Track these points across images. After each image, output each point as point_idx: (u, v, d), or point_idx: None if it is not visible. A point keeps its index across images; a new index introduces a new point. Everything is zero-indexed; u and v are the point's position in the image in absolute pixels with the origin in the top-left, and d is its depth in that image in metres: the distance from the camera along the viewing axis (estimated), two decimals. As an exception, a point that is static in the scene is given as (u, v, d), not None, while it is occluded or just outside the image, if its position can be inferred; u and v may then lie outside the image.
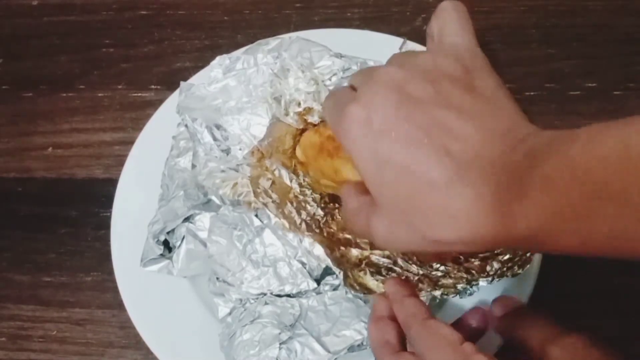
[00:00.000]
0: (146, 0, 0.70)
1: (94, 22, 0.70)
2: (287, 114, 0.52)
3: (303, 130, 0.52)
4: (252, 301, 0.49)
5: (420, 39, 0.54)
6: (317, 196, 0.50)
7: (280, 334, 0.46)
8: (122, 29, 0.70)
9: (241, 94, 0.52)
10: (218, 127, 0.51)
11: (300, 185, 0.51)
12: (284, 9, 0.69)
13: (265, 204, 0.47)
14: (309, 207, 0.49)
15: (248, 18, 0.69)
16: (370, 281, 0.46)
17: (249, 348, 0.46)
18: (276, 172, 0.50)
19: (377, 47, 0.58)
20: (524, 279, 0.49)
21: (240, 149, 0.51)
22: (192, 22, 0.69)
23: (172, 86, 0.61)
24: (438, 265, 0.47)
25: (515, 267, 0.45)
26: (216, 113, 0.52)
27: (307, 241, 0.46)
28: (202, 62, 0.62)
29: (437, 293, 0.45)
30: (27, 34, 0.70)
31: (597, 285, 0.55)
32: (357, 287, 0.45)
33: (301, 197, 0.50)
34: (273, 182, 0.50)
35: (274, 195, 0.49)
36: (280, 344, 0.46)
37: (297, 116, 0.52)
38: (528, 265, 0.45)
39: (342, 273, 0.45)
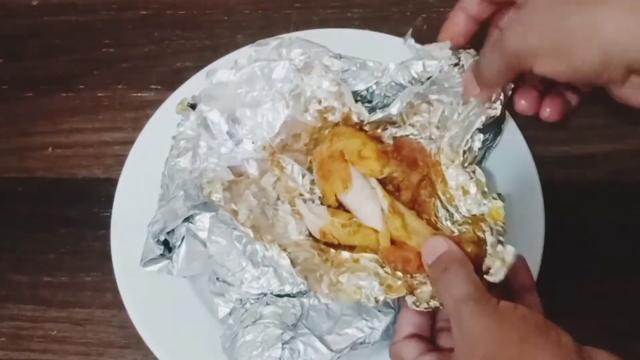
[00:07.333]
0: (146, 0, 0.70)
1: (94, 22, 0.70)
2: (306, 111, 0.52)
3: (321, 128, 0.52)
4: (253, 301, 0.49)
5: (420, 38, 0.54)
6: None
7: (282, 334, 0.46)
8: (122, 29, 0.69)
9: (263, 85, 0.52)
10: (234, 118, 0.51)
11: (311, 182, 0.51)
12: (284, 9, 0.69)
13: (235, 211, 0.47)
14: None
15: (248, 18, 0.69)
16: (349, 286, 0.46)
17: (252, 349, 0.46)
18: (288, 167, 0.50)
19: (377, 47, 0.59)
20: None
21: (252, 142, 0.51)
22: (192, 22, 0.69)
23: (172, 86, 0.61)
24: (418, 275, 0.46)
25: None
26: (236, 103, 0.52)
27: (275, 250, 0.46)
28: (202, 62, 0.62)
29: (410, 299, 0.44)
30: (27, 34, 0.70)
31: (597, 285, 0.55)
32: (327, 292, 0.45)
33: (307, 196, 0.50)
34: (278, 179, 0.50)
35: (253, 201, 0.48)
36: (283, 344, 0.46)
37: (317, 113, 0.52)
38: None
39: (307, 282, 0.45)
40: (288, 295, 0.49)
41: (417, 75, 0.52)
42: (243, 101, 0.52)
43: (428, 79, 0.51)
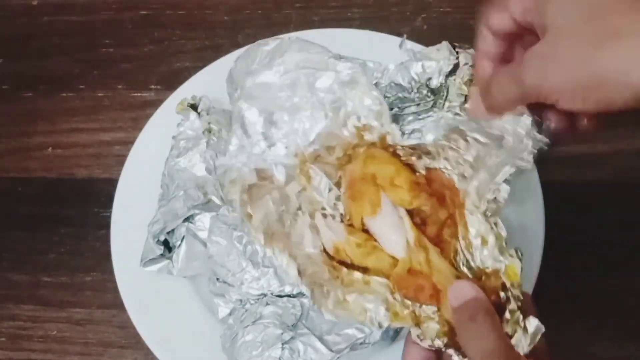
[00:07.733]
0: (146, 0, 0.70)
1: (94, 22, 0.70)
2: (344, 125, 0.51)
3: (356, 146, 0.51)
4: (253, 301, 0.49)
5: (420, 38, 0.54)
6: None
7: (282, 334, 0.46)
8: (122, 29, 0.70)
9: (305, 93, 0.51)
10: (272, 120, 0.51)
11: (337, 197, 0.50)
12: (284, 9, 0.69)
13: (250, 215, 0.47)
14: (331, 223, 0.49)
15: (248, 18, 0.69)
16: (355, 307, 0.45)
17: (252, 349, 0.46)
18: (317, 179, 0.49)
19: (377, 47, 0.59)
20: (523, 280, 0.48)
21: (286, 147, 0.50)
22: (192, 22, 0.69)
23: (172, 86, 0.61)
24: (427, 306, 0.45)
25: None
26: (275, 106, 0.51)
27: (284, 259, 0.46)
28: (202, 62, 0.62)
29: (415, 332, 0.43)
30: (27, 34, 0.70)
31: (596, 285, 0.55)
32: (332, 308, 0.44)
33: (330, 211, 0.50)
34: (303, 189, 0.49)
35: (272, 207, 0.48)
36: (282, 344, 0.46)
37: (355, 130, 0.51)
38: None
39: (312, 295, 0.44)
40: (288, 296, 0.49)
41: (416, 76, 0.52)
42: (283, 105, 0.51)
43: (427, 80, 0.51)
